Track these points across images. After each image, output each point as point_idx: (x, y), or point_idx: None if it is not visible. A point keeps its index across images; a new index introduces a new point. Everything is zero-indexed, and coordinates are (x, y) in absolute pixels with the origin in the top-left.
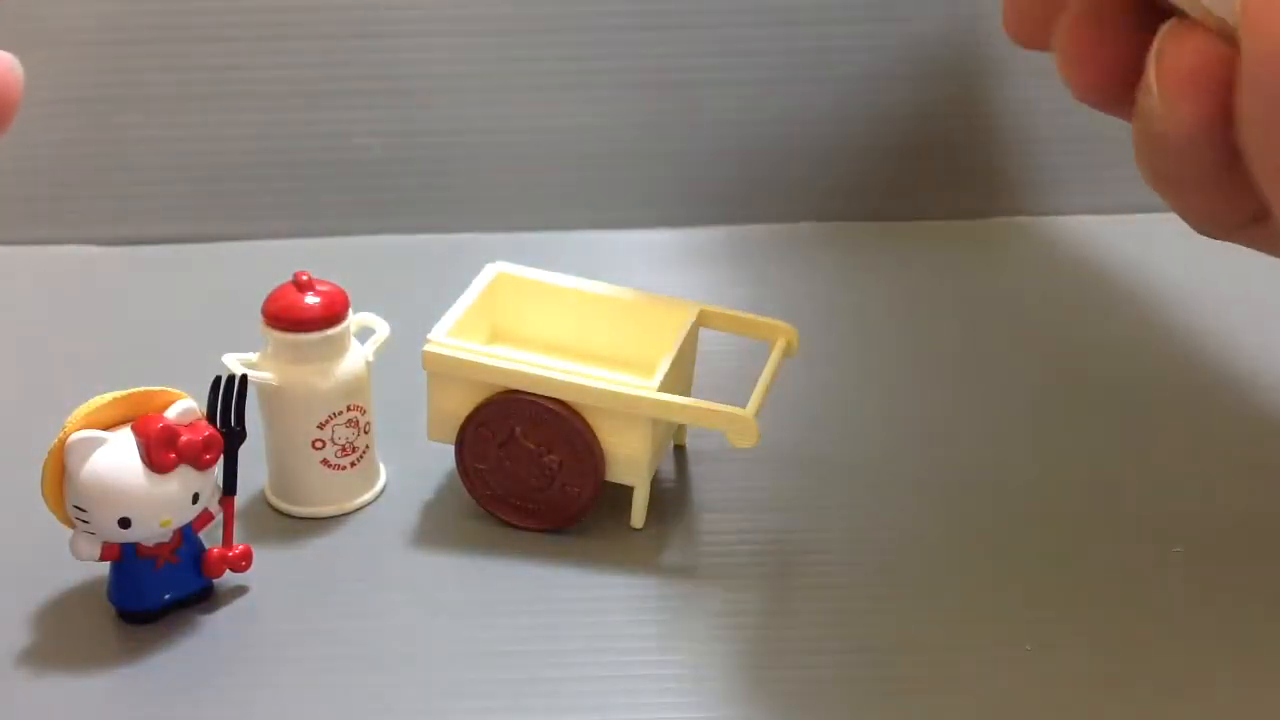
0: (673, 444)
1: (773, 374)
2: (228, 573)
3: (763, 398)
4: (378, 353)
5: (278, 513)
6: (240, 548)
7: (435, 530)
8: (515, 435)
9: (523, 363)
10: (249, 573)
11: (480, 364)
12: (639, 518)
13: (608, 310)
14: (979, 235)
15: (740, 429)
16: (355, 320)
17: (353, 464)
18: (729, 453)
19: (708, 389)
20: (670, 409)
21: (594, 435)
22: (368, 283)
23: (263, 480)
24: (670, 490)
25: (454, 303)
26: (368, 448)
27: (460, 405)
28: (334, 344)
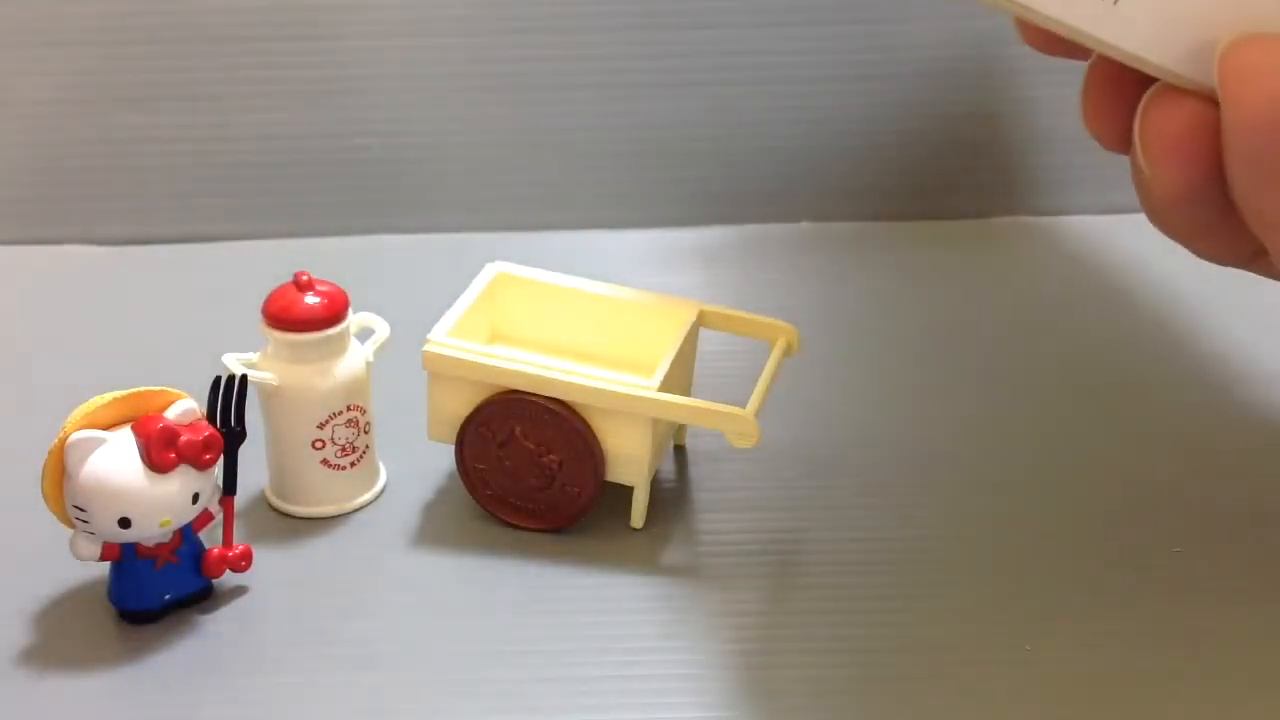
0: (672, 444)
1: (773, 374)
2: (228, 573)
3: (763, 398)
4: (378, 353)
5: (278, 513)
6: (240, 548)
7: (435, 530)
8: (515, 435)
9: (523, 363)
10: (249, 573)
11: (480, 364)
12: (639, 518)
13: (607, 310)
14: (980, 235)
15: (740, 429)
16: (355, 320)
17: (353, 464)
18: (729, 453)
19: (708, 389)
20: (670, 409)
21: (594, 435)
22: (368, 283)
23: (263, 480)
24: (670, 490)
25: (453, 303)
26: (368, 448)
27: (460, 405)
28: (334, 344)
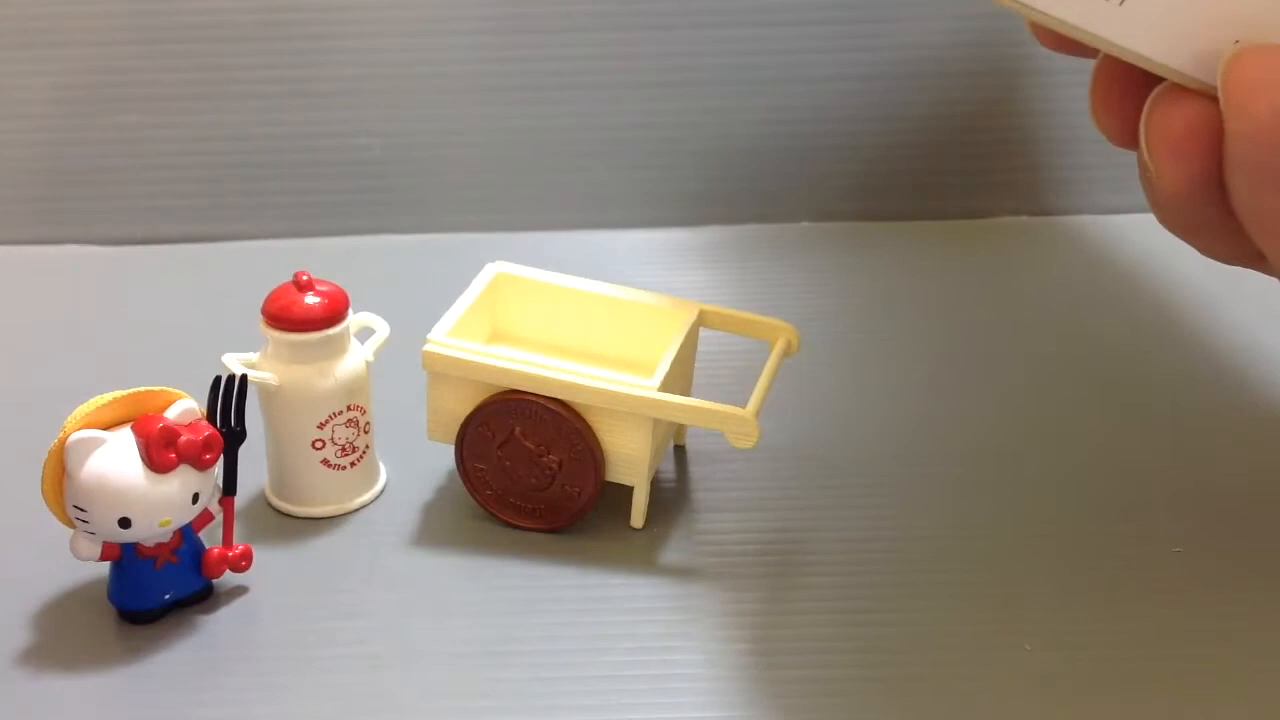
0: (672, 444)
1: (773, 374)
2: (228, 573)
3: (763, 398)
4: (378, 353)
5: (278, 513)
6: (240, 548)
7: (435, 530)
8: (515, 435)
9: (523, 363)
10: (249, 573)
11: (480, 364)
12: (639, 517)
13: (607, 310)
14: (981, 234)
15: (741, 429)
16: (355, 320)
17: (353, 464)
18: (728, 453)
19: (707, 389)
20: (671, 409)
21: (594, 435)
22: (368, 283)
23: (263, 480)
24: (670, 490)
25: (453, 303)
26: (368, 448)
27: (460, 405)
28: (334, 344)
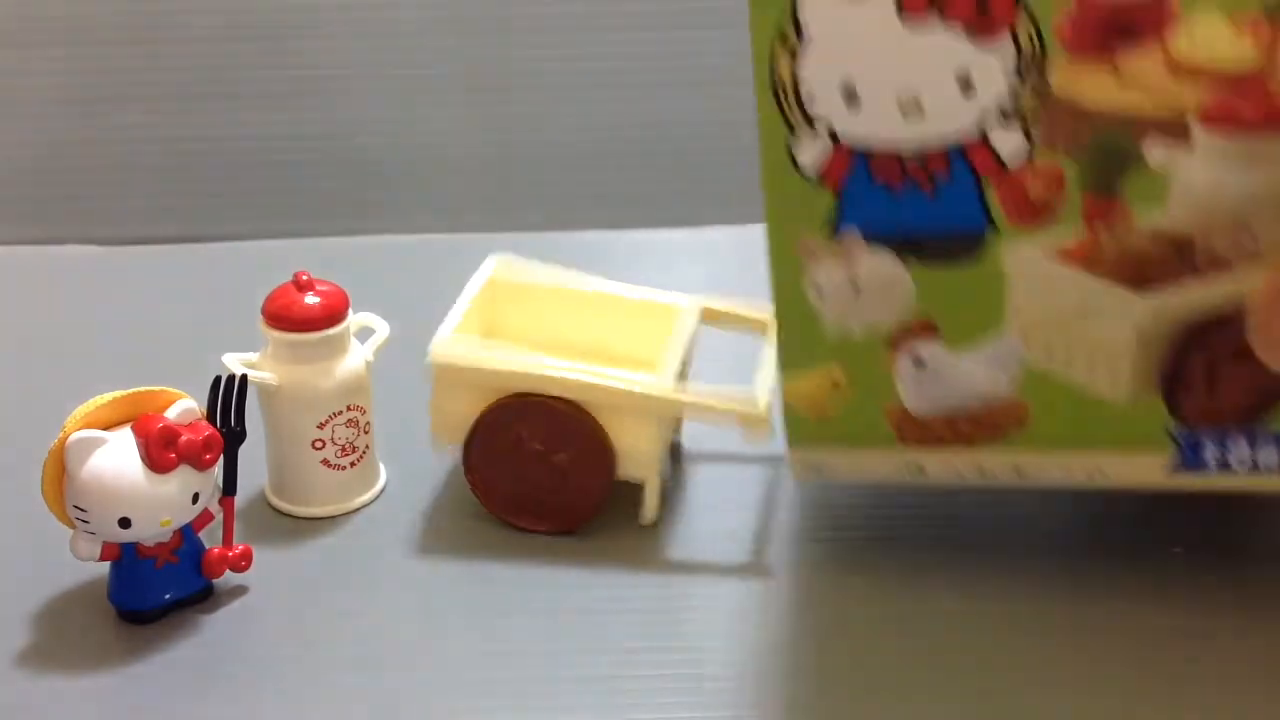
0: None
1: (772, 359)
2: (228, 573)
3: (770, 392)
4: (378, 352)
5: (278, 513)
6: (240, 548)
7: (435, 531)
8: (525, 437)
9: (532, 364)
10: (249, 573)
11: (490, 368)
12: (651, 513)
13: (606, 308)
14: None
15: (755, 424)
16: (355, 320)
17: (352, 464)
18: (726, 450)
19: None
20: (684, 406)
21: (605, 434)
22: (368, 283)
23: (263, 480)
24: (671, 490)
25: (453, 304)
26: (368, 448)
27: (467, 408)
28: (334, 344)
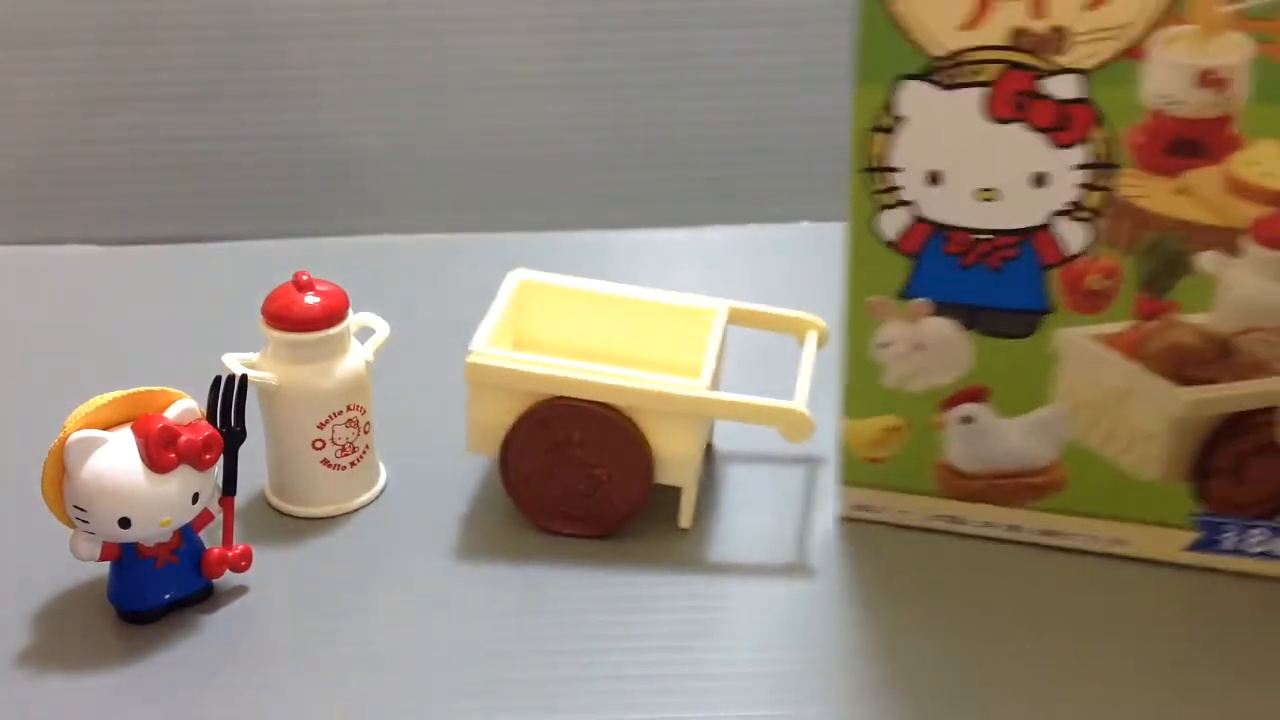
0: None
1: (812, 367)
2: (228, 573)
3: (808, 390)
4: (378, 352)
5: (278, 513)
6: (240, 548)
7: (435, 530)
8: (562, 441)
9: (570, 368)
10: (249, 573)
11: (527, 372)
12: (687, 518)
13: (635, 313)
14: None
15: (794, 424)
16: (355, 320)
17: (352, 464)
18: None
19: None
20: (724, 408)
21: (644, 438)
22: (368, 283)
23: (263, 480)
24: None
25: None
26: (368, 448)
27: (504, 415)
28: (334, 344)
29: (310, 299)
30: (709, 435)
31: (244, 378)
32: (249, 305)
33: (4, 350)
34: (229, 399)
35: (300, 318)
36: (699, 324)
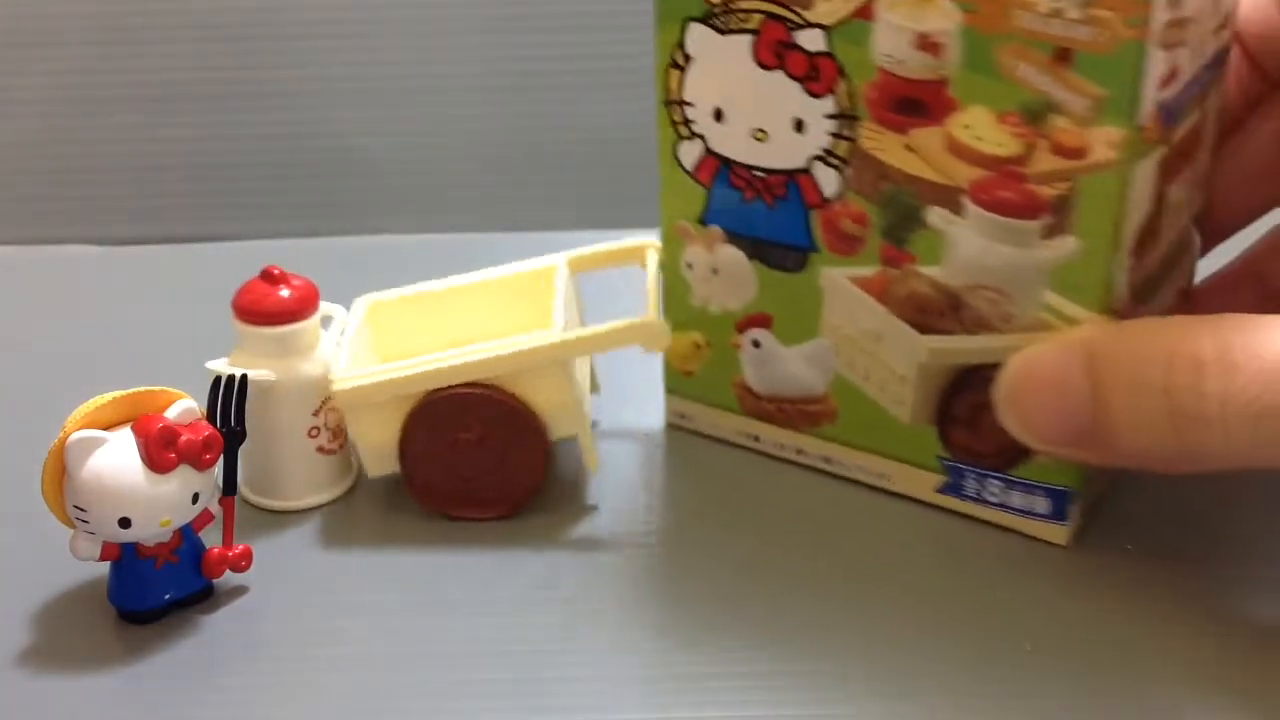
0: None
1: (656, 282)
2: (228, 573)
3: (658, 304)
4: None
5: (265, 510)
6: (240, 548)
7: (435, 530)
8: (451, 433)
9: (431, 361)
10: (249, 573)
11: (394, 378)
12: (593, 461)
13: (483, 296)
14: None
15: (650, 334)
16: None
17: (340, 445)
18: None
19: None
20: (581, 343)
21: (524, 403)
22: (367, 283)
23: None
24: (671, 488)
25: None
26: (343, 428)
27: (388, 429)
28: (314, 331)
29: (285, 291)
30: (588, 381)
31: (244, 377)
32: None
33: (4, 350)
34: (229, 399)
35: (285, 310)
36: (544, 283)
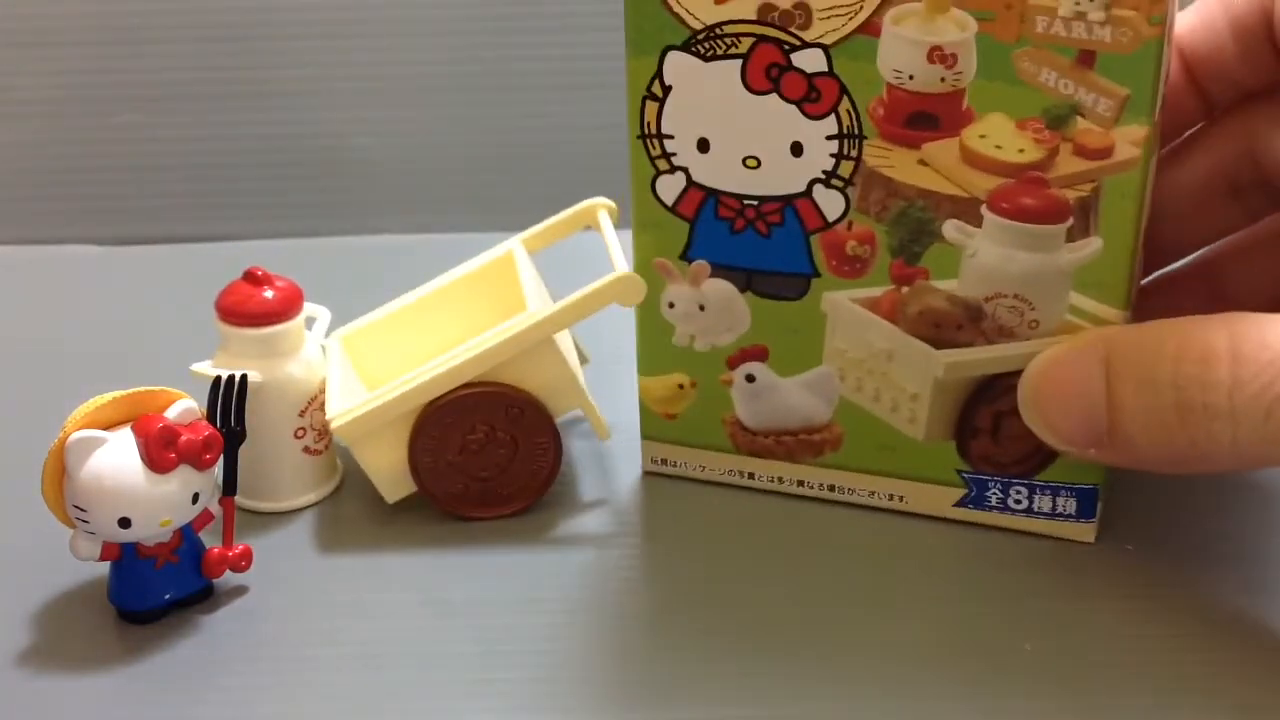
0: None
1: (613, 238)
2: (228, 573)
3: (622, 257)
4: (328, 335)
5: (258, 514)
6: (240, 548)
7: (436, 529)
8: (460, 437)
9: (423, 373)
10: (249, 573)
11: (388, 401)
12: (603, 430)
13: (450, 299)
14: None
15: (625, 289)
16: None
17: (326, 446)
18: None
19: None
20: (563, 315)
21: (520, 390)
22: (367, 283)
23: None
24: (672, 487)
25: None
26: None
27: (396, 451)
28: (299, 331)
29: (268, 292)
30: (576, 355)
31: (244, 377)
32: None
33: (4, 350)
34: (229, 399)
35: (269, 311)
36: (507, 270)
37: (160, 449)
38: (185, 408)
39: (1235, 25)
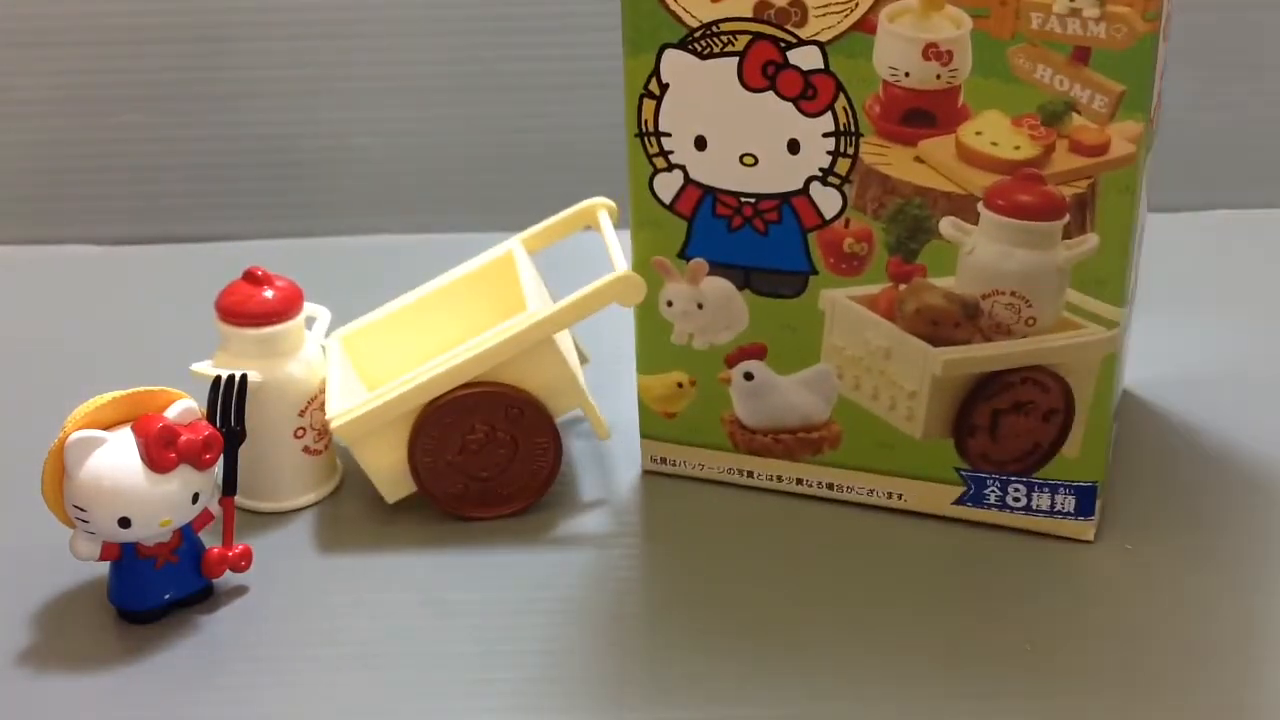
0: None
1: (614, 237)
2: (228, 573)
3: (623, 258)
4: (328, 336)
5: (258, 514)
6: (240, 548)
7: (436, 530)
8: (460, 437)
9: (423, 373)
10: (249, 573)
11: (390, 400)
12: (603, 429)
13: (451, 299)
14: None
15: (626, 288)
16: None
17: (325, 446)
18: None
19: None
20: (563, 314)
21: (520, 390)
22: (366, 283)
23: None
24: (671, 486)
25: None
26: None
27: (396, 451)
28: (299, 332)
29: (269, 292)
30: (575, 354)
31: (244, 377)
32: None
33: (4, 350)
34: (229, 399)
35: (269, 311)
36: (507, 270)
37: (160, 449)
38: (185, 408)
39: None
